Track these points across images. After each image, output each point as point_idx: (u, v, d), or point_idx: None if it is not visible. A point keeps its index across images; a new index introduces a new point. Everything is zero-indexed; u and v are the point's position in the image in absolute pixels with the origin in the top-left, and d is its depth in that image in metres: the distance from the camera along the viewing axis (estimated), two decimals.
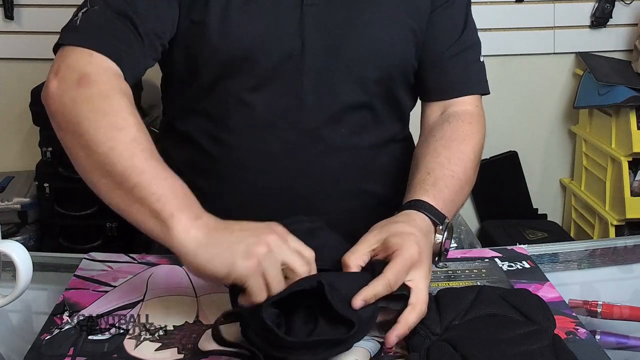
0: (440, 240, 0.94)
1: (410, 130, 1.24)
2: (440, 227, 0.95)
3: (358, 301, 0.81)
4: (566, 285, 1.01)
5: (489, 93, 1.20)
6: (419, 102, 1.23)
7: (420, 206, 0.97)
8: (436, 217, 0.96)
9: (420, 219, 0.95)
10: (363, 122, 1.13)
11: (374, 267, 0.86)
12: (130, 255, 1.07)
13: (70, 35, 0.97)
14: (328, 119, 1.10)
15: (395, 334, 0.82)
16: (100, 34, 0.97)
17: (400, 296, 0.85)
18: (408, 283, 0.85)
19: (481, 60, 1.19)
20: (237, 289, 0.82)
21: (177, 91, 1.16)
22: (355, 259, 0.87)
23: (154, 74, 1.21)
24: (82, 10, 0.99)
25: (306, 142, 1.10)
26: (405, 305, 0.84)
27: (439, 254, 0.95)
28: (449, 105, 1.16)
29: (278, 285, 0.80)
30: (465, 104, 1.16)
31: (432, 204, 0.97)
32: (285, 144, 1.09)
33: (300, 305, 0.81)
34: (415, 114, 1.23)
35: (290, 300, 0.80)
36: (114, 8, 0.98)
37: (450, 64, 1.16)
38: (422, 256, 0.87)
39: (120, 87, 0.93)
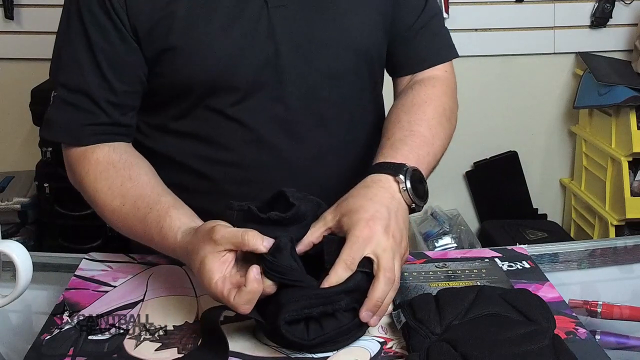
0: (405, 188, 0.95)
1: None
2: (400, 176, 0.96)
3: (326, 285, 0.84)
4: (566, 285, 1.01)
5: (458, 56, 1.21)
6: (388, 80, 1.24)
7: (374, 170, 0.98)
8: (392, 170, 0.97)
9: (375, 183, 0.96)
10: (348, 117, 1.13)
11: (326, 243, 0.89)
12: (130, 255, 1.07)
13: (48, 131, 1.08)
14: (317, 120, 1.09)
15: (365, 309, 0.84)
16: (72, 125, 1.05)
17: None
18: (369, 256, 0.87)
19: (445, 26, 1.21)
20: None
21: (147, 112, 1.12)
22: (311, 235, 0.90)
23: None
24: (52, 95, 1.07)
25: (297, 147, 1.09)
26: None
27: (412, 200, 0.96)
28: (417, 74, 1.18)
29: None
30: (433, 70, 1.18)
31: (387, 161, 0.99)
32: (277, 153, 1.08)
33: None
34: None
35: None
36: (71, 88, 1.05)
37: (417, 38, 1.17)
38: (374, 228, 0.88)
39: (101, 167, 1.03)
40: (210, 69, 1.04)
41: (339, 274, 0.85)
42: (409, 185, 0.95)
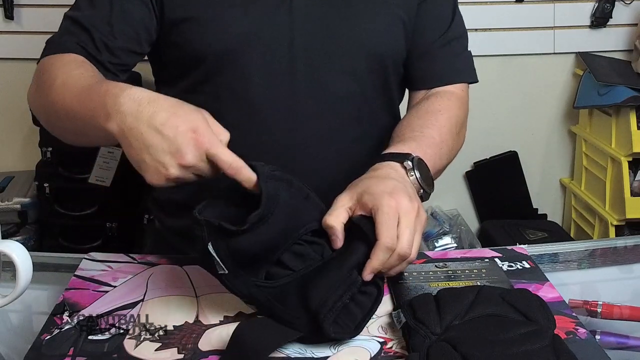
0: (412, 174, 0.97)
1: None
2: (407, 162, 0.98)
3: (367, 274, 0.86)
4: (566, 285, 1.01)
5: (477, 81, 1.22)
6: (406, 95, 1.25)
7: (380, 159, 1.00)
8: (398, 158, 0.99)
9: (383, 167, 0.98)
10: (356, 113, 1.15)
11: (363, 224, 0.89)
12: (130, 255, 1.07)
13: (45, 51, 1.09)
14: (321, 110, 1.11)
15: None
16: (63, 42, 1.07)
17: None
18: None
19: (468, 50, 1.22)
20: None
21: (168, 84, 1.16)
22: (336, 218, 0.90)
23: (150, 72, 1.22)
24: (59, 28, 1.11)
25: (300, 134, 1.11)
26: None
27: (420, 186, 0.98)
28: (433, 89, 1.19)
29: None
30: (449, 87, 1.19)
31: (393, 152, 1.01)
32: (280, 137, 1.10)
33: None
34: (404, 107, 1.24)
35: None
36: (76, 21, 1.08)
37: (438, 54, 1.18)
38: (400, 200, 0.89)
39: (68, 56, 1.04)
40: (222, 44, 1.07)
41: (380, 258, 0.87)
42: (416, 171, 0.97)
